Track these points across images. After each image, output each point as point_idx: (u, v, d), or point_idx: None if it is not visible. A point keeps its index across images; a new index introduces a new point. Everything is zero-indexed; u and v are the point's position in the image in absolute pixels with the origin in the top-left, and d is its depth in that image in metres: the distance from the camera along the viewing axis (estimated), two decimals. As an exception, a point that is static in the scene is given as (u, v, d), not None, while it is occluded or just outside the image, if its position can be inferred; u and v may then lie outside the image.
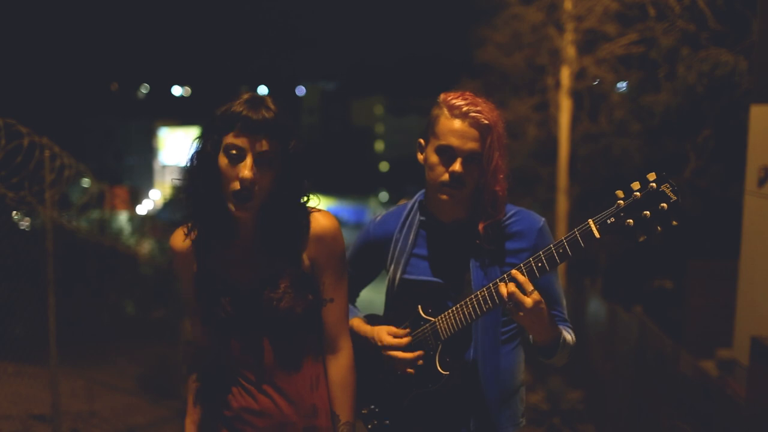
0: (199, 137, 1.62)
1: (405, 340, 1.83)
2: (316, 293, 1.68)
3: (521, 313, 1.60)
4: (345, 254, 1.73)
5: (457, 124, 1.75)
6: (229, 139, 1.55)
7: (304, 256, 1.67)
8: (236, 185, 1.55)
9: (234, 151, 1.55)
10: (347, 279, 1.76)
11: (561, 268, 1.71)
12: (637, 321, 5.83)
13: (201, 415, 1.76)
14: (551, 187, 10.60)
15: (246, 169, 1.54)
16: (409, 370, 1.82)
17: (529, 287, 1.59)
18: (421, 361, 1.82)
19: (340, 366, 1.72)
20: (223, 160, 1.56)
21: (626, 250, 9.79)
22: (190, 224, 1.68)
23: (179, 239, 1.71)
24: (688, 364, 4.82)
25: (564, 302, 1.91)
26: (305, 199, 1.68)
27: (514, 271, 1.62)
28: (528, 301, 1.58)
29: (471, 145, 1.75)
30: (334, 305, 1.71)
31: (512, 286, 1.59)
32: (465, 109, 1.75)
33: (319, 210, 1.70)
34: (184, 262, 1.72)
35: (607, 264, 11.13)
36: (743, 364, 4.89)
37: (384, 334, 1.86)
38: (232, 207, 1.58)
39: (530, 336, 1.77)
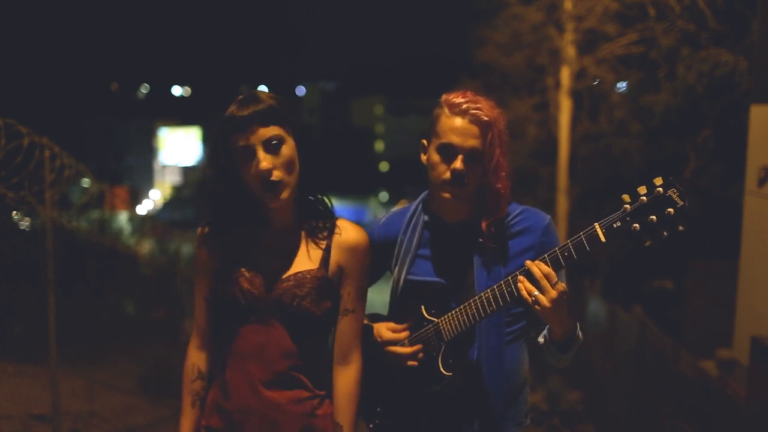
0: (211, 146, 1.66)
1: (403, 334, 1.84)
2: (335, 301, 1.69)
3: (548, 306, 1.57)
4: (369, 270, 1.75)
5: (458, 121, 1.75)
6: (235, 141, 1.58)
7: (333, 263, 1.67)
8: (259, 180, 1.58)
9: (243, 150, 1.58)
10: (367, 294, 1.77)
11: (561, 268, 1.71)
12: (637, 321, 5.84)
13: (198, 416, 1.73)
14: (551, 187, 10.61)
15: (261, 162, 1.56)
16: (411, 362, 1.81)
17: (554, 278, 1.57)
18: (421, 355, 1.82)
19: (349, 378, 1.71)
20: (241, 162, 1.59)
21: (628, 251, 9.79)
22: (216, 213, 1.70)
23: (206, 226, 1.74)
24: (688, 364, 4.83)
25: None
26: (328, 200, 1.72)
27: (537, 262, 1.60)
28: (553, 292, 1.56)
29: (471, 142, 1.74)
30: (351, 317, 1.71)
31: (539, 274, 1.57)
32: (465, 106, 1.75)
33: (350, 222, 1.73)
34: (208, 246, 1.72)
35: (607, 264, 11.12)
36: (743, 364, 4.89)
37: (383, 329, 1.86)
38: (267, 202, 1.61)
39: (543, 333, 1.77)
